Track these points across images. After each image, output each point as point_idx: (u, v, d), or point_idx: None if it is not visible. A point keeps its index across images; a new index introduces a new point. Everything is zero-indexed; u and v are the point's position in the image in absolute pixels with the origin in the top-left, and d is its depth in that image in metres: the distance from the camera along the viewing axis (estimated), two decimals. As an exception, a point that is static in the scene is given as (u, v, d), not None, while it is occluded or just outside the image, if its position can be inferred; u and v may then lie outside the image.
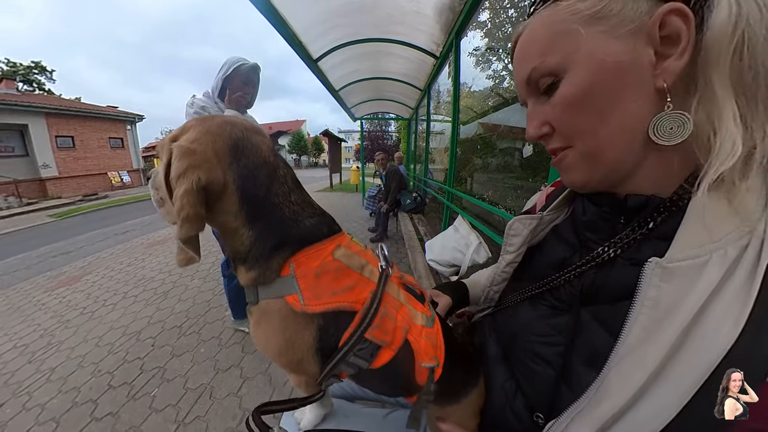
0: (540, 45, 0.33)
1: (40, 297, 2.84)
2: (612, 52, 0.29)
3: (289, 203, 0.42)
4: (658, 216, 0.32)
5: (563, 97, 0.33)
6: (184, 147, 0.37)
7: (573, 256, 0.43)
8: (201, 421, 1.39)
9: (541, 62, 0.33)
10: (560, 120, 0.34)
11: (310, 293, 0.40)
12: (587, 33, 0.30)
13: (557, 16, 0.32)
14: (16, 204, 9.72)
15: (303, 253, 0.41)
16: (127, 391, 1.59)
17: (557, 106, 0.34)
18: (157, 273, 3.21)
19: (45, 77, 28.16)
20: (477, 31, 3.95)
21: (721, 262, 0.26)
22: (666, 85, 0.28)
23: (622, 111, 0.30)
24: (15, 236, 6.09)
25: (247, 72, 1.55)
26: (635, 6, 0.28)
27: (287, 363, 0.45)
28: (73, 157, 12.65)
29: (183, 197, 0.35)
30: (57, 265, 3.81)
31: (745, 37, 0.24)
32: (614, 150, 0.32)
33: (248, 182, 0.39)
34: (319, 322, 0.41)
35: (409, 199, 4.00)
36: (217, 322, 2.19)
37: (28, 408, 1.51)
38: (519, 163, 2.85)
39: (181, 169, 0.36)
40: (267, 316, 0.43)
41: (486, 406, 0.50)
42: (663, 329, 0.27)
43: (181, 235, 0.36)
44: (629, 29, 0.28)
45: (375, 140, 21.86)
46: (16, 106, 10.65)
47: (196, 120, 0.41)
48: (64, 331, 2.21)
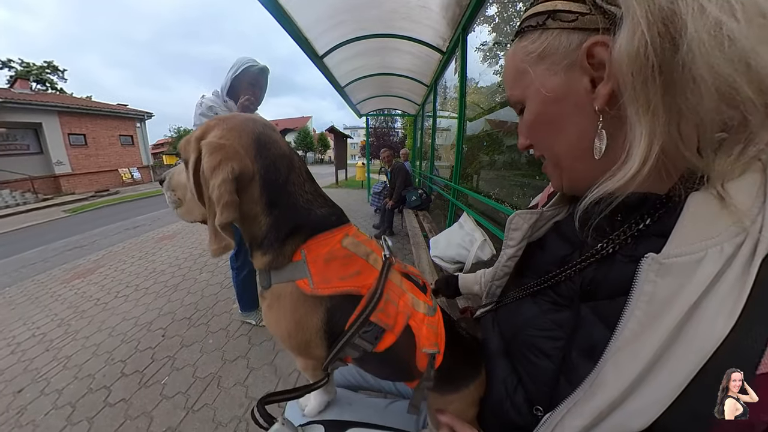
0: (508, 79, 0.41)
1: (57, 288, 2.94)
2: (550, 87, 0.35)
3: (303, 192, 0.45)
4: (655, 213, 0.33)
5: (524, 122, 0.41)
6: (214, 143, 0.40)
7: (573, 253, 0.44)
8: (209, 409, 1.43)
9: (511, 94, 0.41)
10: (527, 139, 0.43)
11: (320, 277, 0.42)
12: (534, 72, 0.36)
13: (517, 56, 0.38)
14: (32, 200, 10.04)
15: (314, 240, 0.44)
16: (138, 378, 1.64)
17: (523, 127, 0.42)
18: (167, 266, 3.29)
19: (57, 77, 28.82)
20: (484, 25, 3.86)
21: (717, 258, 0.26)
22: (597, 107, 0.32)
23: (566, 131, 0.36)
24: (32, 230, 6.30)
25: (256, 74, 1.57)
26: (568, 41, 0.32)
27: (296, 345, 0.47)
28: (85, 154, 12.97)
29: (221, 186, 0.38)
30: (72, 258, 3.94)
31: (649, 62, 0.26)
32: (569, 160, 0.39)
33: (270, 172, 0.43)
34: (327, 305, 0.43)
35: (415, 196, 4.00)
36: (224, 315, 2.24)
37: (46, 393, 1.58)
38: (526, 160, 2.82)
39: (215, 162, 0.39)
40: (279, 299, 0.45)
41: (486, 398, 0.51)
42: (658, 323, 0.28)
43: (221, 221, 0.38)
44: (565, 64, 0.33)
45: (381, 137, 21.81)
46: (30, 105, 10.96)
47: (217, 119, 0.44)
48: (79, 321, 2.29)
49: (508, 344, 0.51)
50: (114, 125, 14.34)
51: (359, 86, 4.41)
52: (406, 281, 0.51)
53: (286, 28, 2.18)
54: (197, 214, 0.49)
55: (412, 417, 0.67)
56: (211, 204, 0.40)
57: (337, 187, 10.95)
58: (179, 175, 0.50)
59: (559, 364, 0.40)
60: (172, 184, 0.51)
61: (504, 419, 0.47)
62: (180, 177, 0.50)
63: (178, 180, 0.50)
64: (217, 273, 3.01)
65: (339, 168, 11.74)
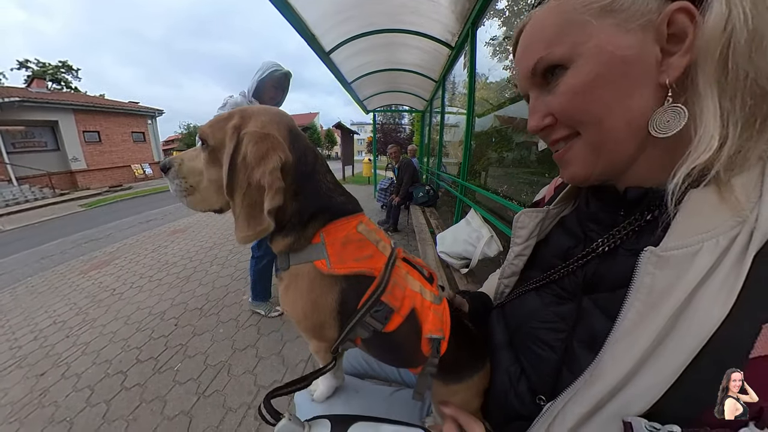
0: (547, 35, 0.33)
1: (75, 279, 3.06)
2: (622, 45, 0.29)
3: (326, 181, 0.48)
4: (656, 208, 0.33)
5: (569, 87, 0.32)
6: (259, 132, 0.42)
7: (577, 247, 0.44)
8: (219, 395, 1.48)
9: (548, 53, 0.33)
10: (564, 110, 0.34)
11: (336, 258, 0.45)
12: (598, 24, 0.30)
13: (568, 6, 0.32)
14: (50, 195, 10.38)
15: (333, 225, 0.47)
16: (153, 364, 1.71)
17: (562, 96, 0.34)
18: (179, 258, 3.38)
19: (71, 76, 29.53)
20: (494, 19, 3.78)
21: (713, 251, 0.27)
22: (669, 80, 0.29)
23: (628, 104, 0.31)
24: (51, 224, 6.54)
25: (280, 78, 1.69)
26: (645, 2, 0.28)
27: (311, 326, 0.49)
28: (99, 150, 13.33)
29: (273, 173, 0.40)
30: (89, 250, 4.08)
31: (731, 40, 0.25)
32: (618, 142, 0.33)
33: (301, 162, 0.45)
34: (342, 286, 0.45)
35: (422, 192, 3.98)
36: (234, 306, 2.30)
37: (66, 377, 1.66)
38: (536, 157, 2.78)
39: (263, 151, 0.41)
40: (296, 279, 0.47)
41: (489, 389, 0.52)
42: (655, 313, 0.28)
43: (272, 206, 0.40)
44: (639, 24, 0.29)
45: (388, 133, 21.72)
46: (47, 103, 11.30)
47: (252, 110, 0.46)
48: (96, 309, 2.38)
49: (512, 336, 0.51)
50: (126, 122, 14.67)
51: (366, 82, 4.39)
52: (412, 270, 0.52)
53: (293, 24, 2.18)
54: (214, 201, 0.49)
55: (416, 405, 0.69)
56: (249, 191, 0.41)
57: (344, 183, 10.96)
58: (192, 161, 0.49)
59: (562, 354, 0.40)
60: (183, 171, 0.49)
61: (507, 409, 0.47)
62: (193, 163, 0.49)
63: (191, 166, 0.49)
64: (227, 265, 3.08)
65: (346, 164, 11.76)
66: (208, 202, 0.50)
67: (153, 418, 1.36)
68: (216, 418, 1.35)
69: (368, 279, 0.45)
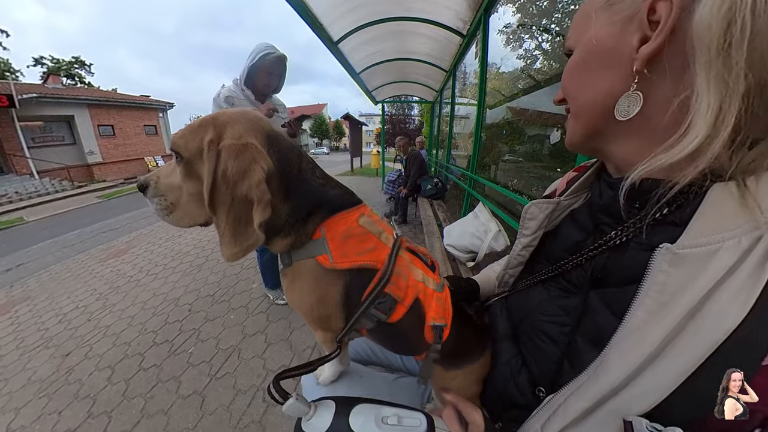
0: (573, 24, 0.39)
1: (95, 266, 3.20)
2: (600, 37, 0.33)
3: (316, 177, 0.47)
4: (673, 203, 0.32)
5: (567, 68, 0.39)
6: (237, 145, 0.39)
7: (587, 240, 0.43)
8: (230, 377, 1.54)
9: (568, 40, 0.39)
10: (562, 86, 0.41)
11: (339, 252, 0.44)
12: (596, 18, 0.33)
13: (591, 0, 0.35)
14: (69, 187, 10.76)
15: (332, 220, 0.46)
16: (168, 347, 1.79)
17: (563, 75, 0.40)
18: (192, 248, 3.48)
19: (85, 71, 30.17)
20: (508, 5, 3.63)
21: (734, 251, 0.26)
22: (635, 68, 0.30)
23: (596, 86, 0.35)
24: (70, 215, 6.81)
25: (272, 62, 1.55)
26: None
27: (317, 319, 0.50)
28: (114, 144, 13.65)
29: (259, 186, 0.38)
30: (107, 239, 4.25)
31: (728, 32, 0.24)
32: (587, 116, 0.38)
33: (284, 164, 0.43)
34: (346, 279, 0.45)
35: (430, 185, 3.95)
36: (245, 293, 2.37)
37: (89, 357, 1.76)
38: (548, 151, 2.70)
39: (246, 164, 0.38)
40: (300, 275, 0.47)
41: (490, 378, 0.53)
42: (666, 312, 0.28)
43: (262, 219, 0.39)
44: (625, 15, 0.31)
45: (396, 124, 21.47)
46: (63, 99, 11.58)
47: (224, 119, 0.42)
48: (115, 295, 2.50)
49: (515, 328, 0.52)
50: (138, 116, 14.93)
51: (375, 72, 4.33)
52: (415, 259, 0.53)
53: (301, 14, 2.16)
54: (198, 216, 0.47)
55: (418, 391, 0.70)
56: (233, 206, 0.39)
57: (352, 174, 10.99)
58: (168, 177, 0.47)
59: (564, 348, 0.40)
60: (161, 189, 0.47)
61: (506, 398, 0.48)
62: (170, 179, 0.47)
63: (168, 183, 0.47)
64: (238, 256, 3.17)
65: (354, 155, 11.73)
66: (191, 217, 0.47)
67: (168, 397, 1.44)
68: (227, 399, 1.41)
69: (371, 271, 0.45)
